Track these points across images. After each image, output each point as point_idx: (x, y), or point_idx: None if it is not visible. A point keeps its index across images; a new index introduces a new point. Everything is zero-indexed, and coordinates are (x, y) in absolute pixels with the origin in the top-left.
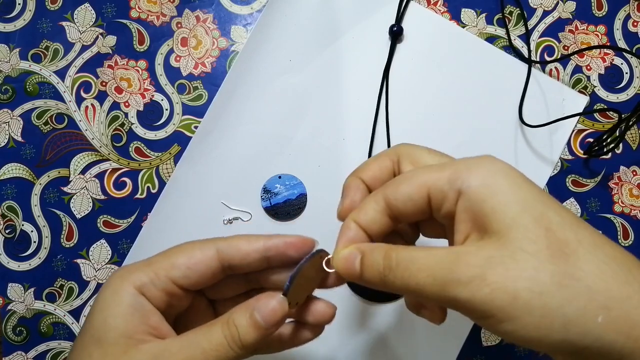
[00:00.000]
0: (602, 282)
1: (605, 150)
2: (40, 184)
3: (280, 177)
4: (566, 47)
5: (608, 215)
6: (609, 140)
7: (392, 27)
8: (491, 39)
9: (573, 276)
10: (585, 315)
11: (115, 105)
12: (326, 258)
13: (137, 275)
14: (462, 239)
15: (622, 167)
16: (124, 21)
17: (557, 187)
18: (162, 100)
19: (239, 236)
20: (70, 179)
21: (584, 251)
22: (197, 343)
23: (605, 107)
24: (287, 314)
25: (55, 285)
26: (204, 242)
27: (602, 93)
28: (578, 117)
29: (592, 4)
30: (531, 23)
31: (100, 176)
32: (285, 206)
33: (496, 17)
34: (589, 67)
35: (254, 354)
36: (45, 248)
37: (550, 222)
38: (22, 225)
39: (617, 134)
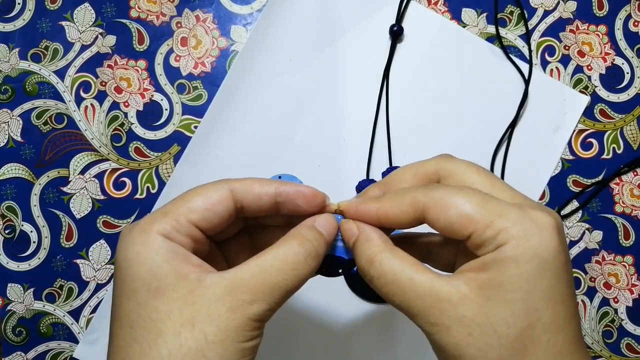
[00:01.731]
0: None
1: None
2: (39, 184)
3: (280, 177)
4: (567, 47)
5: (609, 216)
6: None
7: (392, 26)
8: (492, 39)
9: None
10: None
11: (114, 105)
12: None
13: (159, 224)
14: (463, 267)
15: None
16: (124, 21)
17: (558, 187)
18: (161, 100)
19: (252, 178)
20: (70, 179)
21: (540, 355)
22: (270, 265)
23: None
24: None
25: (54, 285)
26: (217, 183)
27: (602, 93)
28: (579, 117)
29: (593, 4)
30: (532, 23)
31: (99, 176)
32: None
33: (497, 17)
34: (589, 67)
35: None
36: (44, 248)
37: (537, 320)
38: (22, 225)
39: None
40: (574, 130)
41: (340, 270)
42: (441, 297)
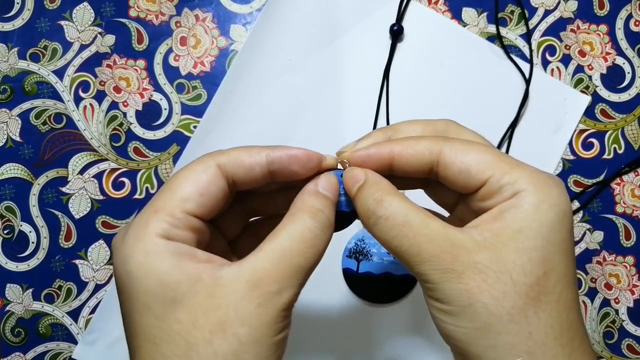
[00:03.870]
0: (544, 335)
1: None
2: (38, 184)
3: None
4: (568, 47)
5: (610, 216)
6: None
7: (392, 26)
8: (492, 39)
9: (526, 318)
10: (511, 350)
11: (113, 105)
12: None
13: (154, 225)
14: (474, 222)
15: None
16: (123, 20)
17: None
18: (161, 99)
19: (238, 148)
20: (69, 179)
21: (553, 307)
22: (288, 248)
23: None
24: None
25: (53, 286)
26: (202, 161)
27: (603, 93)
28: (580, 116)
29: (594, 4)
30: (532, 22)
31: (98, 176)
32: None
33: (497, 16)
34: (590, 67)
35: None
36: (43, 249)
37: (552, 270)
38: (21, 225)
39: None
40: (575, 130)
41: (344, 225)
42: (455, 242)
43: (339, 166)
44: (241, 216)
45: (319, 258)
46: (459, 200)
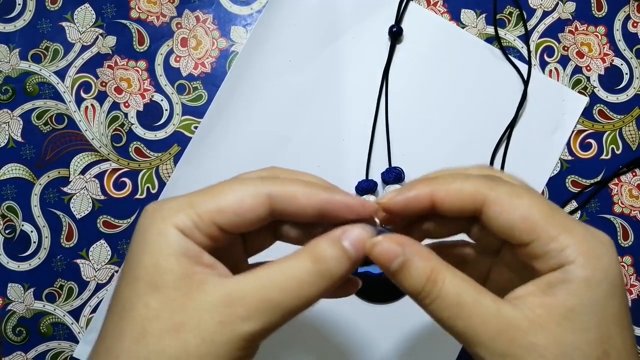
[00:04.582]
0: None
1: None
2: (40, 184)
3: None
4: (566, 48)
5: (608, 216)
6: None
7: (391, 27)
8: (491, 40)
9: None
10: None
11: (115, 106)
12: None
13: (180, 217)
14: (521, 291)
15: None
16: (124, 21)
17: (556, 188)
18: (161, 100)
19: (297, 182)
20: (70, 179)
21: None
22: (273, 281)
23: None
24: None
25: (55, 285)
26: (255, 184)
27: (601, 94)
28: (578, 117)
29: (592, 5)
30: (531, 24)
31: (100, 176)
32: None
33: (496, 17)
34: (588, 68)
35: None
36: (45, 248)
37: (611, 347)
38: (22, 225)
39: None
40: (573, 131)
41: (387, 296)
42: (510, 322)
43: (377, 216)
44: (270, 237)
45: (303, 304)
46: (503, 245)
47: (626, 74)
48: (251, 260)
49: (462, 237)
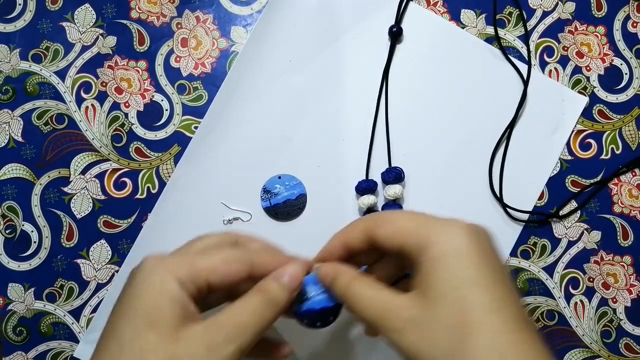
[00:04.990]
0: None
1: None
2: (40, 184)
3: (280, 177)
4: (565, 48)
5: (607, 216)
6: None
7: (391, 27)
8: (491, 40)
9: (462, 355)
10: None
11: (115, 106)
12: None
13: (181, 270)
14: (412, 286)
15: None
16: (124, 22)
17: (556, 188)
18: (162, 100)
19: (270, 255)
20: (71, 179)
21: (481, 336)
22: (239, 314)
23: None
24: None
25: (55, 285)
26: (240, 253)
27: (601, 94)
28: (577, 117)
29: (592, 5)
30: (531, 24)
31: (100, 176)
32: (285, 206)
33: (496, 17)
34: (588, 68)
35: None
36: (45, 248)
37: (471, 302)
38: (23, 225)
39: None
40: (573, 131)
41: (331, 318)
42: (393, 306)
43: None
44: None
45: (265, 325)
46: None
47: (626, 73)
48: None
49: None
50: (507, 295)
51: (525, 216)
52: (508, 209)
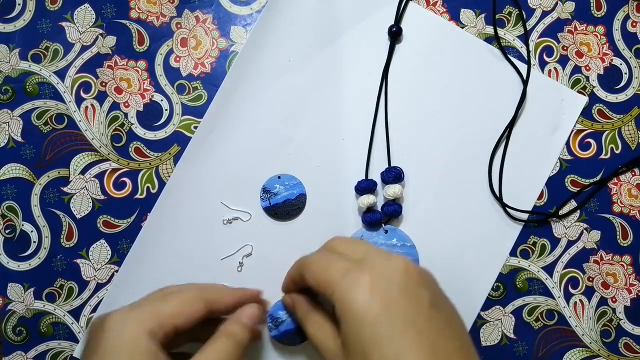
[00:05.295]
0: None
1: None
2: (40, 184)
3: (279, 177)
4: (565, 48)
5: (607, 216)
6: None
7: (391, 27)
8: (490, 40)
9: None
10: None
11: (115, 106)
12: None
13: (148, 322)
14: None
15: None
16: (124, 21)
17: (556, 187)
18: (161, 100)
19: (222, 291)
20: (70, 179)
21: None
22: (212, 357)
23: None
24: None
25: (55, 285)
26: (194, 292)
27: (601, 93)
28: (577, 117)
29: (591, 5)
30: (530, 23)
31: (100, 176)
32: (285, 206)
33: (495, 17)
34: (588, 68)
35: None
36: (45, 248)
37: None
38: (22, 225)
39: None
40: (572, 131)
41: (300, 340)
42: (328, 348)
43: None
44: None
45: None
46: None
47: (625, 73)
48: None
49: None
50: (415, 343)
51: (525, 216)
52: (507, 209)
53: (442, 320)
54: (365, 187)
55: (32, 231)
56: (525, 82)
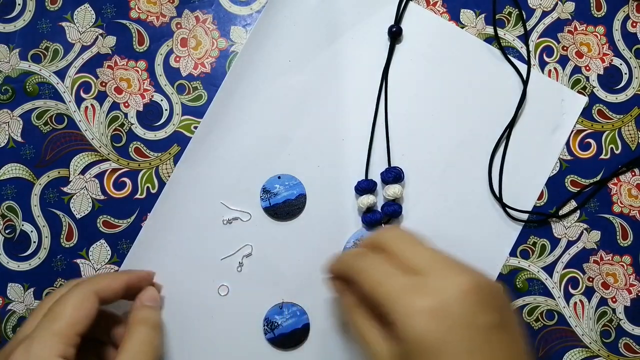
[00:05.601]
0: None
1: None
2: (40, 184)
3: (279, 177)
4: (565, 48)
5: (607, 216)
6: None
7: (391, 27)
8: (490, 40)
9: None
10: None
11: (114, 106)
12: None
13: (56, 348)
14: (390, 333)
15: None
16: (124, 22)
17: (556, 188)
18: (161, 100)
19: (108, 277)
20: (70, 179)
21: None
22: (134, 350)
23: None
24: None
25: (55, 285)
26: (81, 290)
27: (601, 94)
28: (577, 117)
29: (591, 5)
30: (530, 24)
31: (100, 176)
32: (285, 206)
33: (495, 17)
34: (588, 68)
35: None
36: (45, 248)
37: None
38: (22, 225)
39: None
40: (572, 131)
41: (302, 337)
42: (378, 353)
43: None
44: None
45: (158, 345)
46: None
47: (625, 73)
48: None
49: None
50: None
51: (525, 216)
52: (507, 209)
53: (505, 343)
54: (365, 187)
55: (32, 231)
56: (525, 83)
